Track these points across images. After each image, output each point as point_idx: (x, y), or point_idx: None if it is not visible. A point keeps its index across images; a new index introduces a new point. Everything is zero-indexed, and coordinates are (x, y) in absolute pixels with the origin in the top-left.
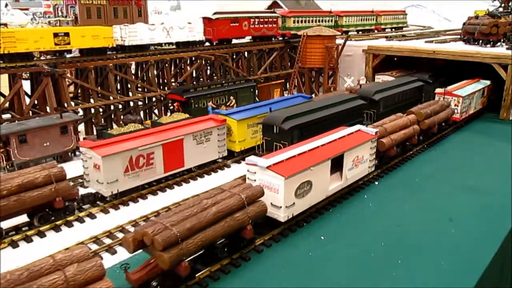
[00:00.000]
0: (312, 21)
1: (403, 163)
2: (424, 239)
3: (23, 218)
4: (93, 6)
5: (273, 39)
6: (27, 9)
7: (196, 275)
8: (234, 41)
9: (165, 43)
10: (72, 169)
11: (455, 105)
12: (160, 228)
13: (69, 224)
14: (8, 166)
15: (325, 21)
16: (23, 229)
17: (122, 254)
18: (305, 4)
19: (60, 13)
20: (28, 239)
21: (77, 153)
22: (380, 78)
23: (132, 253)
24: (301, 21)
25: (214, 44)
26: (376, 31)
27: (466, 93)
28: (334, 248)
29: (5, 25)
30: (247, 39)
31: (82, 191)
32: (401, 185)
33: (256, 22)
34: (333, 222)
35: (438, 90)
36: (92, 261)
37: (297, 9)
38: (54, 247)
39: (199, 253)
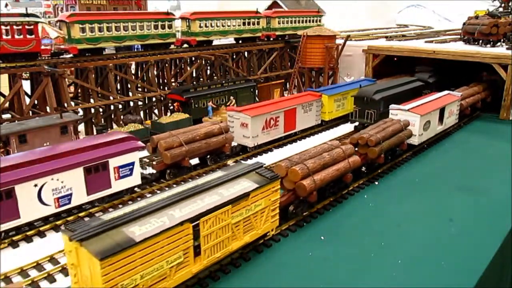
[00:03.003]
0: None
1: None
2: (424, 239)
3: None
4: (93, 5)
5: (38, 58)
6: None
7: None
8: None
9: None
10: None
11: None
12: (368, 135)
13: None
14: None
15: (253, 24)
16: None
17: None
18: (305, 4)
19: (60, 13)
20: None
21: None
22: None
23: None
24: (209, 25)
25: None
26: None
27: None
28: (334, 248)
29: None
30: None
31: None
32: (401, 185)
33: None
34: (333, 222)
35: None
36: (348, 144)
37: (298, 9)
38: None
39: None
